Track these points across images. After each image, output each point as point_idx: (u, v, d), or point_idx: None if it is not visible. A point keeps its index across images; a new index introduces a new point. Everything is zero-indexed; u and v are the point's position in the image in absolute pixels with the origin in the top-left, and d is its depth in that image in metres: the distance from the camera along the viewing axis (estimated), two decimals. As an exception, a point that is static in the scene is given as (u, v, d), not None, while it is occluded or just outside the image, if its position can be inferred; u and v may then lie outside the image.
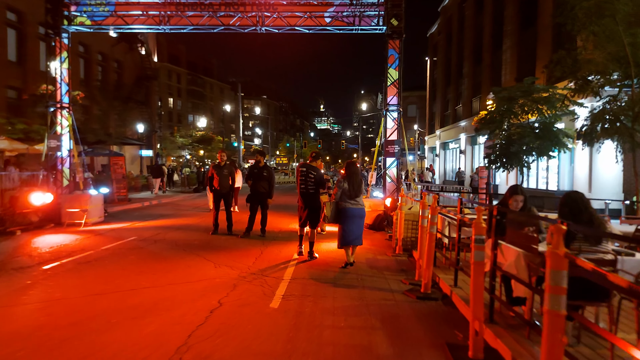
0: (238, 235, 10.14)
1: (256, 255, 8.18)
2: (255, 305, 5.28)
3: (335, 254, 8.31)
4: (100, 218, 12.82)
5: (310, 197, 7.98)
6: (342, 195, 7.34)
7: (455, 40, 33.73)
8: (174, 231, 10.97)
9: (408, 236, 8.74)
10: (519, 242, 4.01)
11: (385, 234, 11.29)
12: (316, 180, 7.95)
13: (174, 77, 76.44)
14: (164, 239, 9.77)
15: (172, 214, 15.08)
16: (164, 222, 12.69)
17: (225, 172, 10.39)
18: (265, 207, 10.30)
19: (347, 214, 7.32)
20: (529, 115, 14.85)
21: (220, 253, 8.32)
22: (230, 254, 8.30)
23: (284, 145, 72.71)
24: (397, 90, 12.40)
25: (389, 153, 12.31)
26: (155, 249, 8.71)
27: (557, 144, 14.36)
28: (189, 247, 8.87)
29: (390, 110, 12.39)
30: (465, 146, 30.26)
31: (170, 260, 7.67)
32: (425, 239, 6.45)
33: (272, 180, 10.16)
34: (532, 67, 20.27)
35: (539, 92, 14.61)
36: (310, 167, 8.11)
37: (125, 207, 17.26)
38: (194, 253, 8.24)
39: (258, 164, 10.22)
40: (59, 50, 12.81)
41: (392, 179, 12.53)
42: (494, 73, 25.61)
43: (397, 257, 8.38)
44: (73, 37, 31.48)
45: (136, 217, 13.85)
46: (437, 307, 5.44)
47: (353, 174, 7.45)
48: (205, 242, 9.50)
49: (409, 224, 8.71)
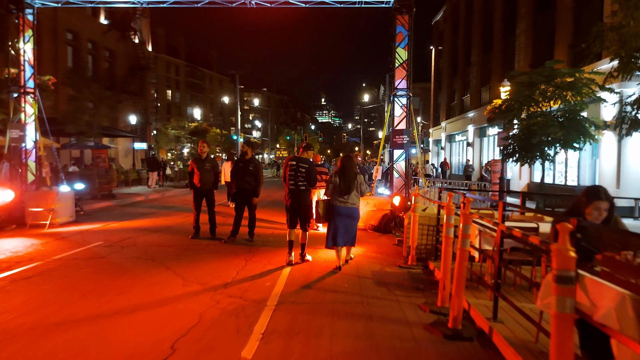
0: (222, 240, 8.69)
1: (238, 267, 6.72)
2: (221, 352, 3.82)
3: (332, 257, 6.87)
4: (71, 218, 11.36)
5: (300, 195, 6.96)
6: (333, 191, 6.64)
7: (462, 27, 32.05)
8: (150, 234, 9.52)
9: (422, 243, 7.27)
10: (618, 277, 2.54)
11: (392, 237, 9.83)
12: (307, 175, 6.94)
13: (172, 69, 74.96)
14: (134, 245, 8.32)
15: (156, 212, 13.63)
16: (143, 223, 11.24)
17: (208, 166, 8.90)
18: (253, 207, 8.82)
19: (335, 212, 6.62)
20: (551, 102, 13.35)
21: (195, 264, 6.86)
22: (207, 265, 6.84)
23: (284, 139, 71.04)
24: (406, 72, 10.89)
25: (396, 144, 10.81)
26: (118, 258, 7.25)
27: (584, 135, 12.85)
28: (161, 256, 7.41)
29: (399, 95, 10.88)
30: (474, 138, 28.70)
31: (131, 276, 6.21)
32: (449, 252, 5.00)
33: (259, 175, 8.69)
34: (550, 51, 18.67)
35: (563, 77, 13.09)
36: (301, 160, 7.06)
37: (108, 204, 15.82)
38: (163, 265, 6.78)
39: (244, 157, 8.75)
40: (22, 28, 11.28)
41: (400, 174, 11.05)
42: (505, 60, 24.01)
43: (409, 269, 6.91)
44: (60, 24, 29.98)
45: (114, 216, 12.41)
46: (473, 352, 3.97)
47: (346, 168, 6.61)
48: (182, 248, 8.04)
49: (423, 228, 7.23)
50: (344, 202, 6.57)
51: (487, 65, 26.71)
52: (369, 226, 10.52)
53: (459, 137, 33.51)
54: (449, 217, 5.00)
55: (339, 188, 6.55)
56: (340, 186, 6.54)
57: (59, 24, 29.22)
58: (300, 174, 6.90)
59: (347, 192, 6.53)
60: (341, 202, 6.57)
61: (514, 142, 13.89)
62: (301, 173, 6.90)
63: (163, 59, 71.11)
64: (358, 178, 6.63)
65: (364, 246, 8.65)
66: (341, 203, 6.57)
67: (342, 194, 6.54)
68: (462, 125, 31.16)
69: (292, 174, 6.91)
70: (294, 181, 6.91)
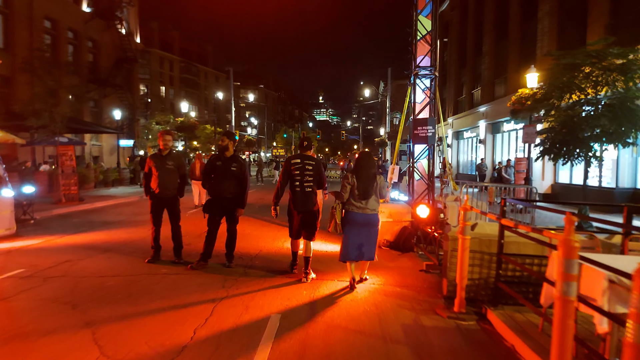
0: (188, 265, 6.39)
1: (200, 318, 4.44)
2: None
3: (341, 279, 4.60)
4: (9, 230, 9.01)
5: (306, 197, 5.98)
6: (348, 194, 5.61)
7: (472, 15, 29.73)
8: (96, 256, 7.20)
9: (474, 277, 4.99)
10: None
11: (415, 257, 7.57)
12: (315, 174, 6.00)
13: (166, 65, 72.84)
14: (64, 275, 6.00)
15: (123, 220, 11.30)
16: (98, 237, 8.92)
17: (170, 164, 6.57)
18: (234, 221, 6.52)
19: (350, 219, 5.60)
20: (598, 89, 11.09)
21: (134, 315, 4.55)
22: (153, 315, 4.54)
23: (282, 136, 68.69)
24: (431, 46, 8.60)
25: (418, 138, 8.51)
26: (25, 302, 4.94)
27: (637, 128, 10.61)
28: (90, 298, 5.10)
29: (421, 75, 8.58)
30: (486, 135, 26.41)
31: (17, 344, 3.91)
32: (568, 329, 2.74)
33: (244, 179, 6.42)
34: (581, 34, 16.38)
35: (613, 58, 10.85)
36: (306, 158, 6.05)
37: (72, 209, 13.51)
38: (84, 317, 4.46)
39: (223, 153, 6.44)
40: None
41: (422, 176, 8.76)
42: (523, 48, 21.72)
43: (458, 319, 4.62)
44: (37, 11, 27.61)
45: (68, 227, 10.09)
46: None
47: (364, 167, 5.62)
48: (128, 282, 5.72)
49: (475, 257, 4.95)
50: (362, 208, 5.55)
51: (501, 55, 24.40)
52: (383, 242, 8.25)
53: (468, 133, 31.23)
54: (568, 264, 2.70)
55: (356, 191, 5.52)
56: (358, 189, 5.51)
57: (34, 10, 26.82)
58: (307, 173, 5.95)
59: (366, 197, 5.52)
60: (359, 208, 5.55)
61: (552, 136, 11.61)
62: (308, 172, 5.95)
63: (156, 54, 68.90)
64: (378, 180, 5.63)
65: (381, 273, 6.40)
66: (359, 209, 5.56)
67: (359, 199, 5.54)
68: (472, 120, 28.87)
69: (298, 174, 5.96)
70: (300, 182, 5.96)
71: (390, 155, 49.17)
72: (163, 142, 6.66)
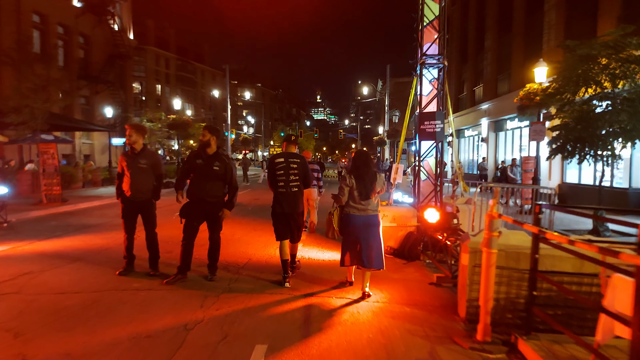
0: (164, 280, 5.55)
1: (167, 354, 3.60)
2: None
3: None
4: (-27, 236, 8.20)
5: (293, 199, 5.59)
6: (346, 196, 5.23)
7: (473, 10, 28.90)
8: (63, 267, 6.35)
9: (500, 297, 4.17)
10: None
11: (422, 266, 6.76)
12: (301, 173, 5.61)
13: (162, 62, 71.92)
14: (18, 292, 5.15)
15: (102, 224, 10.45)
16: (70, 243, 8.07)
17: (143, 163, 5.71)
18: (217, 229, 5.69)
19: (350, 223, 5.22)
20: (616, 82, 10.30)
21: (84, 348, 3.72)
22: (107, 351, 3.70)
23: (279, 135, 67.75)
24: (438, 32, 7.78)
25: (425, 133, 7.69)
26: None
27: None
28: (40, 322, 4.27)
29: (428, 64, 7.76)
30: (488, 133, 25.60)
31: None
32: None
33: (230, 180, 5.62)
34: (591, 26, 15.59)
35: (631, 49, 10.06)
36: (291, 156, 5.66)
37: (52, 210, 12.68)
38: (21, 353, 3.62)
39: (204, 149, 5.61)
40: None
41: (429, 176, 7.95)
42: (528, 42, 20.91)
43: (484, 351, 3.79)
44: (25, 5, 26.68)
45: (42, 231, 9.24)
46: None
47: (361, 167, 5.23)
48: (91, 301, 4.87)
49: (502, 274, 4.14)
50: (364, 210, 5.18)
51: (504, 50, 23.60)
52: (387, 249, 7.42)
53: (469, 131, 30.43)
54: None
55: (356, 192, 5.15)
56: (358, 190, 5.15)
57: (22, 4, 25.92)
58: (292, 172, 5.55)
59: (367, 197, 5.16)
60: (360, 210, 5.17)
61: (565, 133, 10.81)
62: (293, 171, 5.55)
63: (152, 51, 67.98)
64: (378, 178, 5.24)
65: (385, 287, 5.61)
66: (360, 211, 5.18)
67: (360, 200, 5.16)
68: (474, 118, 28.06)
69: (282, 173, 5.56)
70: (285, 182, 5.55)
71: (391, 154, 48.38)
72: (130, 139, 5.76)
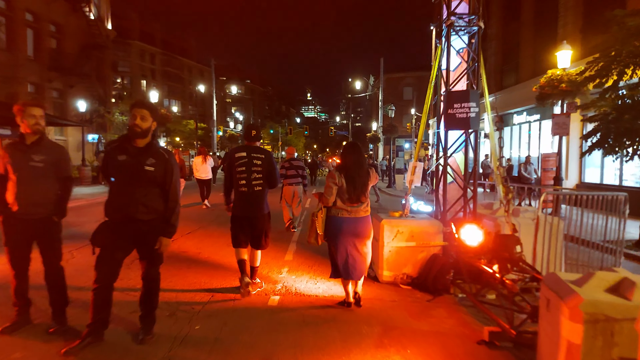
0: (65, 346, 3.46)
1: None
2: None
3: None
4: None
5: (254, 199, 4.76)
6: (334, 196, 4.43)
7: (475, -2, 27.10)
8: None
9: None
10: None
11: (453, 303, 4.84)
12: (265, 170, 4.78)
13: (147, 57, 69.53)
14: None
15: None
16: None
17: (38, 160, 3.64)
18: (154, 262, 3.65)
19: (339, 227, 4.43)
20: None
21: None
22: None
23: (268, 132, 65.63)
24: (472, -13, 5.85)
25: (454, 120, 5.76)
26: None
27: None
28: None
29: (458, 27, 5.82)
30: (491, 128, 23.78)
31: None
32: None
33: (170, 185, 3.57)
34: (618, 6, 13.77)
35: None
36: (254, 150, 4.79)
37: None
38: None
39: (133, 140, 3.52)
40: None
41: (458, 176, 6.03)
42: (539, 29, 19.11)
43: None
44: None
45: None
46: None
47: (352, 164, 4.46)
48: None
49: None
50: (355, 211, 4.45)
51: (511, 39, 21.80)
52: (402, 277, 5.50)
53: (470, 127, 28.65)
54: None
55: (346, 193, 4.41)
56: (349, 190, 4.40)
57: (-15, -12, 23.61)
58: (255, 169, 4.75)
59: (359, 199, 4.45)
60: (350, 212, 4.44)
61: (607, 125, 8.96)
62: (256, 168, 4.75)
63: (137, 45, 65.58)
64: (371, 175, 4.56)
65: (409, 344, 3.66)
66: (350, 213, 4.44)
67: (351, 201, 4.43)
68: (475, 113, 26.27)
69: (243, 170, 4.75)
70: (246, 181, 4.76)
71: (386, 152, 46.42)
72: (23, 123, 3.60)
